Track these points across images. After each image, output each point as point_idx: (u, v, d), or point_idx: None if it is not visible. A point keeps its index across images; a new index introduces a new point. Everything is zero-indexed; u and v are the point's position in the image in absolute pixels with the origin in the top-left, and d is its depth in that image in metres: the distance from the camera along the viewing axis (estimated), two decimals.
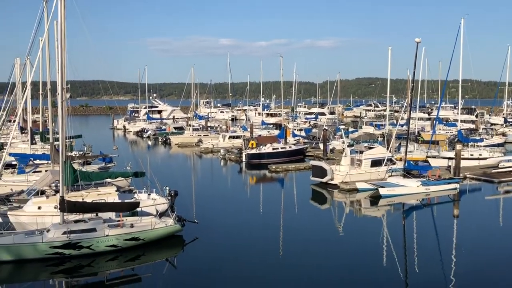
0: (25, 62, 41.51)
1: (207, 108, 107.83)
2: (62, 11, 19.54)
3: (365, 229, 24.51)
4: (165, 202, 23.58)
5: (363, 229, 24.38)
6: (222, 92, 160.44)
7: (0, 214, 21.05)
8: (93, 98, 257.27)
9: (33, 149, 37.83)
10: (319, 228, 24.13)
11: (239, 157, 46.01)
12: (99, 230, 18.76)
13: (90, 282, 17.38)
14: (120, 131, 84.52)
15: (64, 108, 20.58)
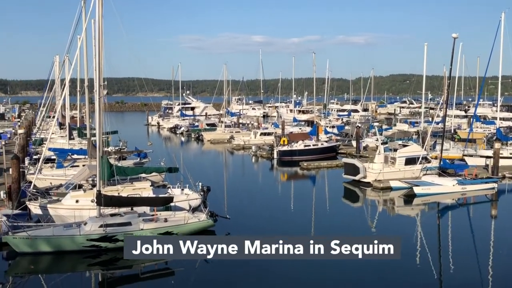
0: (64, 60, 43.00)
1: (239, 105, 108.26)
2: (99, 10, 20.05)
3: (398, 228, 24.15)
4: (197, 198, 23.90)
5: (397, 229, 24.03)
6: (254, 89, 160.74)
7: (40, 206, 21.85)
8: (128, 94, 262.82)
9: (71, 144, 38.98)
10: (351, 227, 23.92)
11: (270, 154, 46.06)
12: (134, 224, 19.22)
13: (125, 275, 17.84)
14: (154, 127, 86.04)
15: (101, 105, 21.16)
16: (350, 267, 17.19)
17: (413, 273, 17.52)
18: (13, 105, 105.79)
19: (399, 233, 22.68)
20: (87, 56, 33.56)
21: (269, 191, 34.17)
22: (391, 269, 17.65)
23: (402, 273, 17.35)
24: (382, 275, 17.16)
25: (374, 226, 24.65)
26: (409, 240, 21.48)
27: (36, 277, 17.38)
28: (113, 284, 17.21)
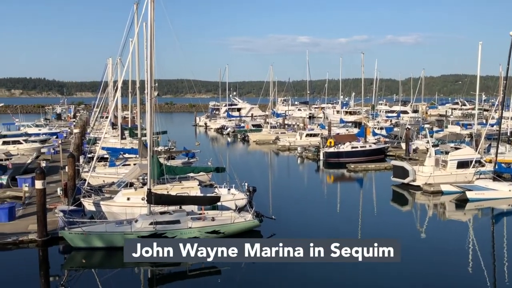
0: (117, 62, 44.56)
1: (285, 106, 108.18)
2: (151, 14, 20.66)
3: (449, 234, 23.32)
4: (244, 198, 24.09)
5: (448, 234, 23.22)
6: (300, 90, 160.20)
7: (94, 203, 22.76)
8: (177, 96, 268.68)
9: (123, 144, 40.32)
10: (399, 231, 23.34)
11: (316, 155, 45.73)
12: (182, 222, 19.65)
13: (173, 272, 18.24)
14: (201, 128, 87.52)
15: (152, 106, 21.79)
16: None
17: (465, 280, 16.88)
18: (69, 106, 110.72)
19: (450, 239, 21.98)
20: (139, 58, 34.75)
21: (315, 192, 33.94)
22: (439, 276, 17.10)
23: (452, 280, 16.76)
24: (430, 282, 16.64)
25: (424, 231, 23.93)
26: (460, 246, 20.73)
27: (89, 271, 18.08)
28: (161, 280, 17.62)
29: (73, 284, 16.77)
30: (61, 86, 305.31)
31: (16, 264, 18.62)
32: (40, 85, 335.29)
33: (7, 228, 20.62)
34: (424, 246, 21.26)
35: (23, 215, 22.83)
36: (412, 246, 20.93)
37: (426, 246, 21.24)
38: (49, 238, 19.59)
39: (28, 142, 46.06)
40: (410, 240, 21.80)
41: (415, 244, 21.39)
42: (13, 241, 19.48)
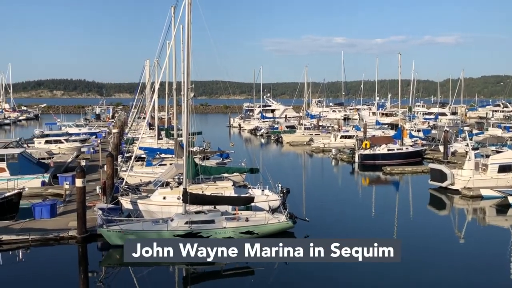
0: (154, 64, 45.47)
1: (319, 107, 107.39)
2: (188, 17, 20.98)
3: (490, 240, 22.56)
4: (277, 199, 24.09)
5: (488, 241, 22.46)
6: (334, 91, 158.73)
7: (131, 202, 23.29)
8: (212, 97, 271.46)
9: (159, 144, 41.10)
10: (436, 236, 22.75)
11: (351, 158, 45.18)
12: (217, 222, 19.83)
13: (207, 271, 18.41)
14: (235, 129, 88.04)
15: (188, 107, 22.12)
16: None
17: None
18: (108, 107, 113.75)
19: (491, 245, 21.27)
20: (176, 60, 35.36)
21: (350, 195, 33.54)
22: (480, 285, 16.57)
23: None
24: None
25: (462, 236, 23.27)
26: (502, 252, 20.02)
27: (125, 269, 18.40)
28: (196, 279, 17.81)
29: (110, 281, 17.16)
30: (100, 87, 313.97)
31: (57, 259, 19.26)
32: (80, 86, 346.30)
33: (49, 224, 21.37)
34: (463, 251, 20.67)
35: (63, 212, 23.60)
36: (450, 251, 20.42)
37: (465, 251, 20.65)
38: (88, 235, 20.17)
39: (69, 141, 47.67)
40: (448, 245, 21.27)
41: (454, 248, 20.84)
42: (54, 237, 20.17)
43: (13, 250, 19.43)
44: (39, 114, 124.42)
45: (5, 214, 22.64)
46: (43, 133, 55.52)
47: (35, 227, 20.93)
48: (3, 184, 26.29)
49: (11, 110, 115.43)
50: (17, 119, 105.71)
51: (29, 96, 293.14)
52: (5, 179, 27.57)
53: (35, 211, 22.51)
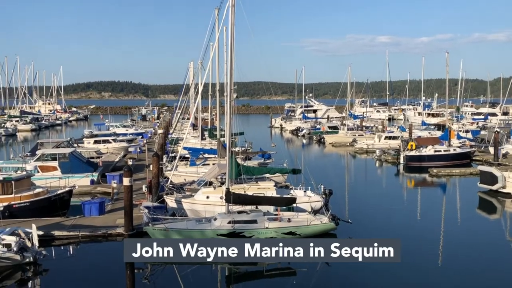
0: (198, 66, 46.28)
1: (363, 107, 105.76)
2: (231, 19, 21.22)
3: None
4: (319, 200, 23.93)
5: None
6: (378, 91, 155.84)
7: (175, 200, 23.80)
8: (253, 98, 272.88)
9: (203, 144, 41.77)
10: (486, 242, 21.85)
11: (396, 159, 44.21)
12: (259, 222, 19.92)
13: (249, 271, 18.53)
14: (277, 130, 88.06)
15: (231, 108, 22.38)
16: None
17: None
18: (153, 108, 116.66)
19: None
20: (219, 62, 35.83)
21: (394, 197, 32.81)
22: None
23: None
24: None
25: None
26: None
27: (170, 267, 18.76)
28: (238, 278, 17.97)
29: (155, 278, 17.54)
30: (146, 89, 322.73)
31: (105, 255, 19.95)
32: (127, 88, 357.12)
33: (98, 222, 22.17)
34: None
35: (111, 210, 24.41)
36: (501, 258, 19.62)
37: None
38: (134, 232, 20.75)
39: (117, 141, 49.26)
40: (499, 252, 20.42)
41: (505, 256, 19.99)
42: (102, 233, 20.91)
43: (64, 245, 20.29)
44: (88, 115, 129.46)
45: (57, 211, 23.70)
46: (92, 133, 57.66)
47: (85, 224, 21.78)
48: (54, 182, 27.49)
49: (62, 111, 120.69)
50: (68, 120, 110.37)
51: (79, 97, 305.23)
52: (56, 177, 28.83)
53: (85, 208, 23.41)
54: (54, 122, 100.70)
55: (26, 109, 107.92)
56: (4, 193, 23.00)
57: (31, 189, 24.27)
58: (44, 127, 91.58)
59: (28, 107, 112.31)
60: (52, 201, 24.01)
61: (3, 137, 72.42)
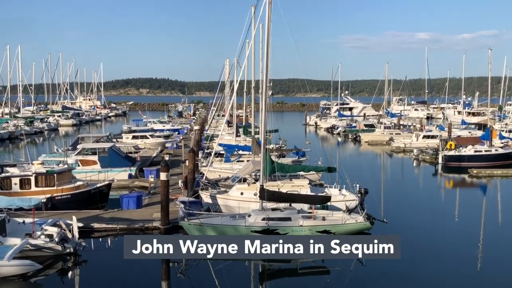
0: (234, 63, 46.54)
1: (400, 106, 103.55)
2: (268, 16, 21.20)
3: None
4: (355, 199, 23.67)
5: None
6: (416, 88, 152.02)
7: (210, 196, 24.07)
8: (288, 95, 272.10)
9: (237, 141, 42.04)
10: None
11: (434, 159, 43.12)
12: (293, 220, 19.88)
13: (283, 268, 18.55)
14: (311, 127, 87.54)
15: (266, 105, 22.41)
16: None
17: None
18: (189, 104, 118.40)
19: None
20: (255, 59, 35.92)
21: (432, 197, 32.01)
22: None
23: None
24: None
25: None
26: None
27: (204, 262, 18.98)
28: (272, 275, 18.00)
29: (190, 273, 17.77)
30: (182, 86, 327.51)
31: None
32: (164, 85, 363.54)
33: (135, 215, 22.71)
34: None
35: (148, 204, 24.94)
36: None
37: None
38: (170, 226, 21.10)
39: (154, 137, 50.26)
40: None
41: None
42: (139, 227, 21.40)
43: (103, 237, 20.90)
44: (127, 111, 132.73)
45: (96, 204, 24.44)
46: (131, 129, 59.03)
47: (123, 217, 22.34)
48: (94, 175, 28.34)
49: (102, 107, 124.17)
50: (107, 116, 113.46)
51: (118, 94, 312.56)
52: (96, 171, 29.72)
53: (123, 202, 24.03)
54: (94, 117, 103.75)
55: (68, 105, 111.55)
56: (47, 185, 23.91)
57: (72, 182, 25.13)
58: (84, 122, 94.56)
59: (70, 103, 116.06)
60: (92, 194, 24.78)
61: (46, 131, 75.18)
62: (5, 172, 24.36)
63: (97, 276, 16.95)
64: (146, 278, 17.06)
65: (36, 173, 24.01)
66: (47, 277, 16.76)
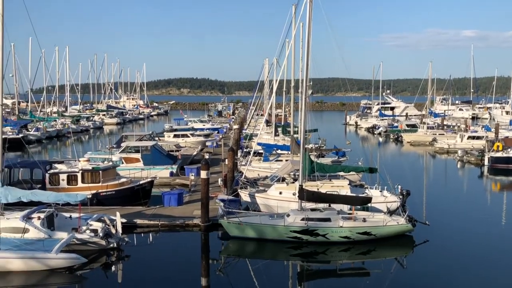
0: (273, 63, 46.57)
1: (444, 105, 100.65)
2: (309, 15, 21.09)
3: None
4: (396, 201, 23.19)
5: None
6: (461, 88, 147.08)
7: (249, 195, 24.20)
8: (327, 94, 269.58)
9: (276, 140, 42.04)
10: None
11: (480, 160, 41.62)
12: (333, 221, 19.67)
13: (322, 269, 18.47)
14: (352, 127, 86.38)
15: (306, 104, 22.29)
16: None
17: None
18: (229, 104, 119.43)
19: None
20: (295, 58, 35.82)
21: (476, 200, 30.87)
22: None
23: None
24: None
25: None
26: None
27: (243, 260, 19.14)
28: (311, 276, 17.91)
29: (228, 271, 17.94)
30: (222, 85, 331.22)
31: (182, 245, 20.74)
32: (204, 85, 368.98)
33: (176, 212, 23.14)
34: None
35: (189, 201, 25.34)
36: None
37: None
38: (210, 224, 21.39)
39: (194, 136, 51.05)
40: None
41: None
42: (180, 223, 21.79)
43: (145, 233, 21.42)
44: (168, 110, 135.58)
45: (139, 200, 25.06)
46: (172, 128, 60.18)
47: (164, 213, 22.80)
48: (137, 173, 29.07)
49: (145, 106, 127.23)
50: (150, 115, 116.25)
51: (160, 93, 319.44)
52: (139, 169, 30.48)
53: (164, 198, 24.54)
54: (137, 116, 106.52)
55: (112, 104, 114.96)
56: (93, 181, 24.73)
57: (116, 179, 25.88)
58: (128, 121, 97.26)
59: (114, 102, 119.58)
60: (135, 190, 25.43)
61: (91, 129, 77.79)
62: (54, 169, 25.30)
63: (139, 271, 17.38)
64: (186, 274, 17.36)
65: (82, 169, 24.88)
66: (92, 271, 17.34)
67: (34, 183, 24.25)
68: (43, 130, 61.75)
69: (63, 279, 16.59)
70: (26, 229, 17.43)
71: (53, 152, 51.97)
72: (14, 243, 16.78)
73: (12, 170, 24.54)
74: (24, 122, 62.46)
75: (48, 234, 17.64)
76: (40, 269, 16.42)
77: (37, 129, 61.02)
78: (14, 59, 68.33)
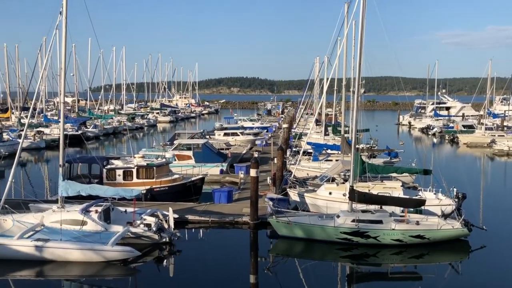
0: (324, 61, 46.15)
1: (504, 106, 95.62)
2: (362, 13, 20.73)
3: None
4: (451, 204, 22.32)
5: None
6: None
7: (298, 194, 24.11)
8: (379, 93, 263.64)
9: (325, 140, 41.61)
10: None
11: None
12: (385, 223, 19.22)
13: (372, 272, 18.13)
14: (404, 127, 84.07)
15: (358, 103, 21.93)
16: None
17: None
18: (278, 103, 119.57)
19: None
20: (346, 56, 35.29)
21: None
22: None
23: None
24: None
25: None
26: None
27: (291, 260, 19.10)
28: (360, 278, 17.63)
29: (277, 270, 17.96)
30: (271, 84, 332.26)
31: (231, 242, 20.99)
32: (254, 84, 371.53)
33: (226, 209, 23.44)
34: None
35: (238, 199, 25.59)
36: None
37: None
38: (259, 222, 21.49)
39: (244, 134, 51.51)
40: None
41: None
42: (230, 221, 22.06)
43: (196, 229, 21.87)
44: (219, 109, 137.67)
45: (190, 196, 25.62)
46: (222, 126, 61.03)
47: (214, 210, 23.18)
48: (189, 170, 29.73)
49: (196, 105, 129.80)
50: (201, 113, 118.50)
51: (211, 92, 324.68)
52: (190, 166, 31.15)
53: (215, 195, 24.92)
54: (189, 115, 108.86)
55: (165, 103, 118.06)
56: (147, 177, 25.55)
57: (169, 175, 26.58)
58: (180, 119, 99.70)
59: (167, 101, 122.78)
60: (187, 187, 26.03)
61: (146, 127, 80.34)
62: (110, 164, 26.32)
63: (190, 266, 17.78)
64: (235, 271, 17.57)
65: (137, 165, 25.74)
66: (145, 264, 17.91)
67: (92, 177, 25.37)
68: (100, 127, 64.47)
69: (118, 271, 17.24)
70: (85, 221, 18.23)
71: (109, 149, 54.10)
72: (73, 235, 17.61)
73: (72, 165, 25.72)
74: (83, 120, 65.41)
75: (105, 227, 18.37)
76: (97, 260, 17.15)
77: (95, 126, 63.78)
78: (75, 59, 71.78)
